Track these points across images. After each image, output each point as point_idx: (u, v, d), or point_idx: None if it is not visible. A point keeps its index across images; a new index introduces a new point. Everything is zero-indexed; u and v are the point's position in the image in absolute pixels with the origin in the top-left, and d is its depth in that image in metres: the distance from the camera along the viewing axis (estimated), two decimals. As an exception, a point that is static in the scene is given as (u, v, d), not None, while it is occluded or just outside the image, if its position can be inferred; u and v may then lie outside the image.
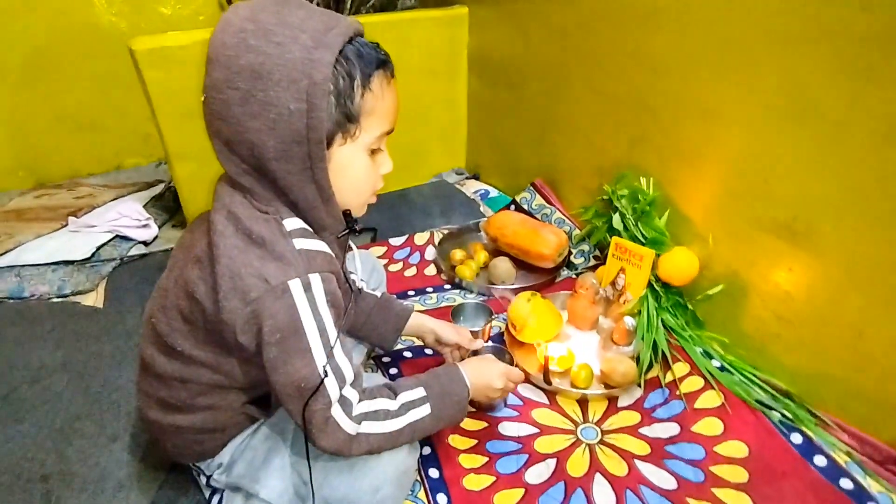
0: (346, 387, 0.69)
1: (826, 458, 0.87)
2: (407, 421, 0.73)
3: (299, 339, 0.63)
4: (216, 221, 0.64)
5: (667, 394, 1.03)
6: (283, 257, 0.63)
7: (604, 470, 0.90)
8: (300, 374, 0.64)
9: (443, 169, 1.99)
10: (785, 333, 0.98)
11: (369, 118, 0.65)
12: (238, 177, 0.65)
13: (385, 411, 0.72)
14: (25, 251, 1.51)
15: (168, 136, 1.50)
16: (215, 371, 0.72)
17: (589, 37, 1.30)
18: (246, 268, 0.62)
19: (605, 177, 1.32)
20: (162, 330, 0.71)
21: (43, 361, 1.19)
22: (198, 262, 0.66)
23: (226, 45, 0.59)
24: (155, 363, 0.74)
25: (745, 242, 1.02)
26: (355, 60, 0.62)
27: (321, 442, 0.68)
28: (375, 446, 0.72)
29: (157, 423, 0.78)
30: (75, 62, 1.96)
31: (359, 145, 0.67)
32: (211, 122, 0.63)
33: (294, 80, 0.58)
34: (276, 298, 0.62)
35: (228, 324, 0.63)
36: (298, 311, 0.63)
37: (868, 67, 0.78)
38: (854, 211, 0.84)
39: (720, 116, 1.02)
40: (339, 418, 0.67)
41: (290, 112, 0.59)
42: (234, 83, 0.59)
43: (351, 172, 0.68)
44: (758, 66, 0.93)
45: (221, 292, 0.62)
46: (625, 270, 1.17)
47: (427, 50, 1.75)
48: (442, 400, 0.76)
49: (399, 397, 0.74)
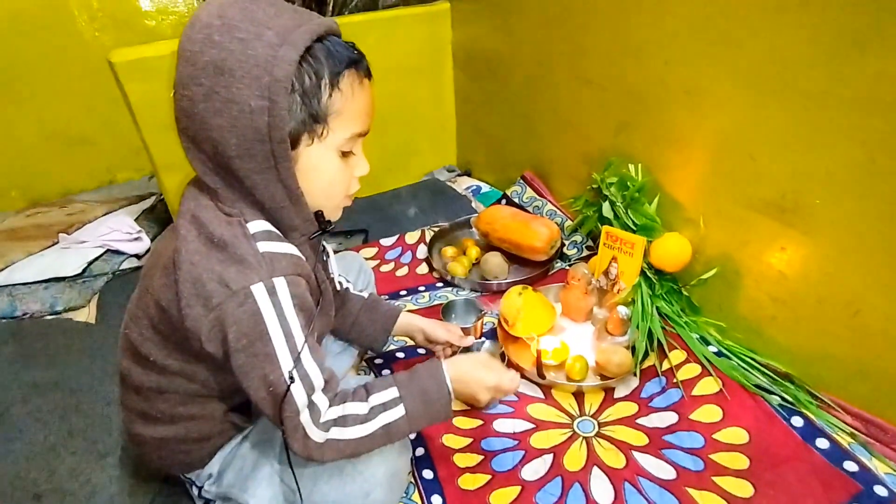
0: (316, 393, 0.66)
1: (828, 441, 0.85)
2: (378, 424, 0.70)
3: (265, 344, 0.62)
4: (180, 227, 0.63)
5: (664, 382, 1.01)
6: (244, 260, 0.61)
7: (601, 463, 0.88)
8: (268, 380, 0.63)
9: (434, 167, 1.97)
10: (781, 315, 0.96)
11: (338, 119, 0.64)
12: (204, 176, 0.64)
13: (354, 416, 0.69)
14: (16, 270, 1.51)
15: (154, 147, 1.49)
16: (190, 380, 0.71)
17: (570, 25, 1.28)
18: (207, 273, 0.60)
19: (593, 165, 1.30)
20: (135, 340, 0.70)
21: (35, 379, 1.18)
22: (164, 270, 0.65)
23: (192, 41, 0.58)
24: (131, 375, 0.73)
25: (736, 223, 1.00)
26: (324, 59, 0.61)
27: (294, 447, 0.66)
28: (348, 452, 0.69)
29: (142, 437, 0.77)
30: (62, 79, 1.96)
31: (327, 146, 0.65)
32: (178, 119, 0.62)
33: (256, 77, 0.57)
34: (239, 304, 0.60)
35: (193, 331, 0.61)
36: (263, 315, 0.61)
37: (850, 35, 0.76)
38: (843, 185, 0.82)
39: (703, 96, 1.00)
40: (306, 425, 0.65)
41: (251, 109, 0.58)
42: (198, 79, 0.58)
43: (320, 174, 0.66)
44: (737, 40, 0.91)
45: (184, 299, 0.60)
46: (617, 259, 1.15)
47: (411, 47, 1.74)
48: (419, 399, 0.72)
49: (370, 399, 0.71)
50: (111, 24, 1.98)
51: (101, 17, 1.95)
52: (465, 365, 0.78)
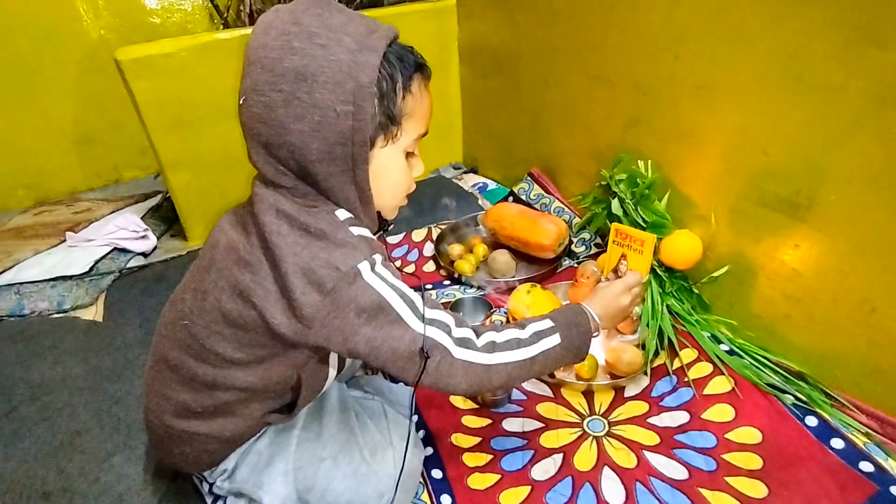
0: (454, 329, 0.69)
1: (843, 441, 0.83)
2: (539, 349, 0.72)
3: (387, 312, 0.64)
4: (267, 222, 0.64)
5: (675, 381, 1.00)
6: (346, 243, 0.64)
7: (612, 463, 0.87)
8: (404, 342, 0.64)
9: (440, 164, 1.96)
10: (794, 313, 0.95)
11: (409, 120, 0.67)
12: (276, 178, 0.65)
13: (517, 340, 0.72)
14: (24, 268, 1.51)
15: (160, 145, 1.49)
16: (250, 374, 0.71)
17: (578, 19, 1.27)
18: (314, 261, 0.62)
19: (602, 162, 1.29)
20: (198, 333, 0.69)
21: (43, 378, 1.18)
22: (248, 266, 0.65)
23: (268, 48, 0.59)
24: (183, 366, 0.71)
25: (748, 220, 0.99)
26: (396, 63, 0.63)
27: (461, 387, 0.68)
28: (514, 374, 0.71)
29: (170, 429, 0.75)
30: (68, 78, 1.96)
31: (398, 147, 0.68)
32: (249, 124, 0.63)
33: (339, 83, 0.59)
34: (351, 283, 0.62)
35: (310, 319, 0.62)
36: (375, 288, 0.63)
37: (864, 28, 0.74)
38: (859, 180, 0.81)
39: (714, 90, 0.98)
40: (465, 357, 0.68)
41: (336, 114, 0.60)
42: (277, 85, 0.59)
43: (389, 174, 0.69)
44: (749, 34, 0.89)
45: (297, 291, 0.61)
46: (626, 256, 1.14)
47: (417, 43, 1.68)
48: (570, 330, 0.75)
49: (528, 328, 0.74)
50: (117, 22, 1.97)
51: (106, 15, 1.95)
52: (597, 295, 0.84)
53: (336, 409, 0.84)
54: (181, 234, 1.71)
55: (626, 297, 0.84)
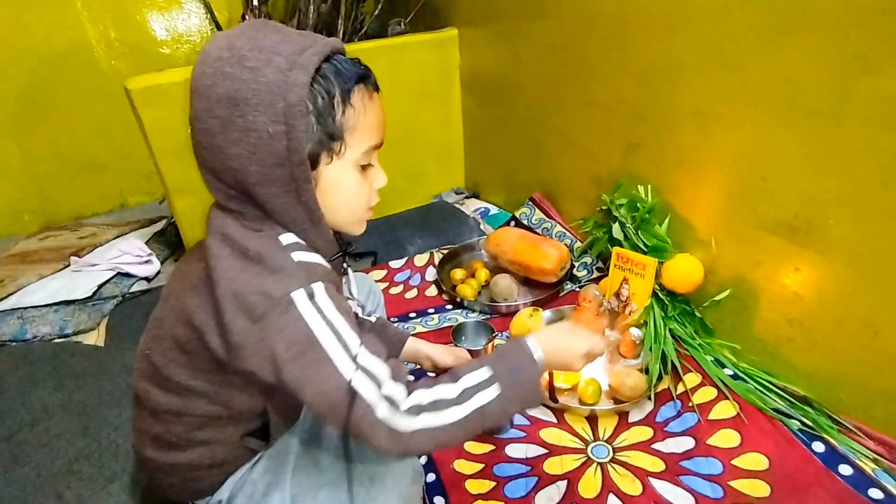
0: (385, 385, 0.62)
1: (852, 467, 0.82)
2: (472, 407, 0.63)
3: (316, 350, 0.60)
4: (211, 246, 0.63)
5: (679, 406, 0.99)
6: (282, 269, 0.61)
7: (617, 490, 0.86)
8: (328, 386, 0.60)
9: (442, 189, 1.98)
10: (797, 336, 0.94)
11: (353, 134, 0.65)
12: (227, 202, 0.65)
13: (445, 400, 0.63)
14: (27, 293, 1.52)
15: (166, 171, 1.52)
16: (212, 401, 0.70)
17: (577, 49, 1.30)
18: (246, 286, 0.60)
19: (602, 186, 1.30)
20: (157, 361, 0.70)
21: (43, 403, 1.18)
22: (194, 290, 0.65)
23: (204, 76, 0.60)
24: (149, 397, 0.72)
25: (748, 244, 0.99)
26: (333, 78, 0.62)
27: (381, 446, 0.61)
28: (441, 440, 0.63)
29: (153, 462, 0.75)
30: (78, 106, 2.00)
31: (346, 162, 0.66)
32: (197, 151, 0.63)
33: (270, 104, 0.58)
34: (283, 312, 0.59)
35: (238, 346, 0.60)
36: (306, 321, 0.60)
37: (858, 56, 0.76)
38: (856, 204, 0.81)
39: (712, 117, 1.00)
40: (388, 419, 0.60)
41: (269, 135, 0.59)
42: (213, 112, 0.59)
43: (342, 190, 0.67)
44: (746, 63, 0.92)
45: (227, 315, 0.60)
46: (628, 280, 1.14)
47: (420, 73, 1.76)
48: (513, 378, 0.66)
49: (460, 381, 0.65)
50: (128, 52, 2.03)
51: (118, 46, 2.01)
52: (554, 337, 0.73)
53: (333, 435, 0.83)
54: (185, 258, 1.72)
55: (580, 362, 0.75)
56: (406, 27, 1.93)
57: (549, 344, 0.70)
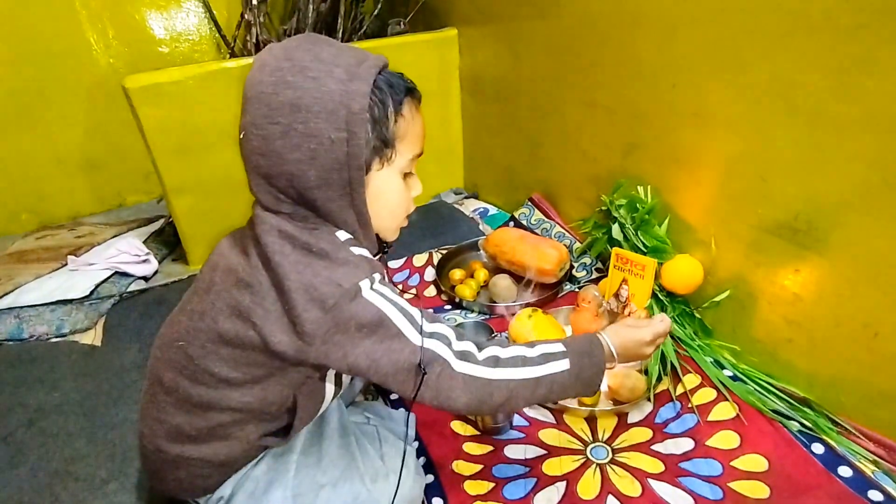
0: (455, 342, 0.69)
1: (851, 469, 0.82)
2: (545, 371, 0.69)
3: (387, 327, 0.65)
4: (270, 243, 0.65)
5: (678, 407, 0.99)
6: (348, 262, 0.66)
7: (616, 491, 0.85)
8: (404, 355, 0.65)
9: (441, 189, 1.98)
10: (797, 337, 0.94)
11: (403, 142, 0.69)
12: (276, 206, 0.67)
13: (523, 357, 0.70)
14: (24, 292, 1.50)
15: (164, 171, 1.51)
16: (246, 394, 0.71)
17: (576, 50, 1.30)
18: (317, 278, 0.63)
19: (602, 187, 1.30)
20: (193, 353, 0.70)
21: (40, 403, 1.17)
22: (248, 287, 0.66)
23: (264, 83, 0.63)
24: (178, 388, 0.71)
25: (748, 245, 0.99)
26: (386, 89, 0.66)
27: (461, 401, 0.67)
28: (516, 393, 0.69)
29: (164, 454, 0.74)
30: (75, 105, 1.99)
31: (394, 169, 0.70)
32: (249, 157, 0.66)
33: (332, 111, 0.62)
34: (352, 299, 0.64)
35: (310, 335, 0.63)
36: (375, 304, 0.65)
37: (857, 58, 0.76)
38: (856, 205, 0.82)
39: (712, 118, 1.00)
40: (466, 370, 0.67)
41: (330, 141, 0.63)
42: (273, 118, 0.62)
43: (387, 196, 0.72)
44: (745, 64, 0.92)
45: (300, 307, 0.62)
46: (627, 281, 1.14)
47: (419, 73, 1.73)
48: (581, 359, 0.72)
49: (537, 347, 0.72)
50: (126, 51, 2.02)
51: (116, 45, 2.00)
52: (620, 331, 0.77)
53: (336, 435, 0.83)
54: (182, 258, 1.71)
55: (650, 348, 0.78)
56: (405, 27, 1.93)
57: (616, 338, 0.76)
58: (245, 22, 1.93)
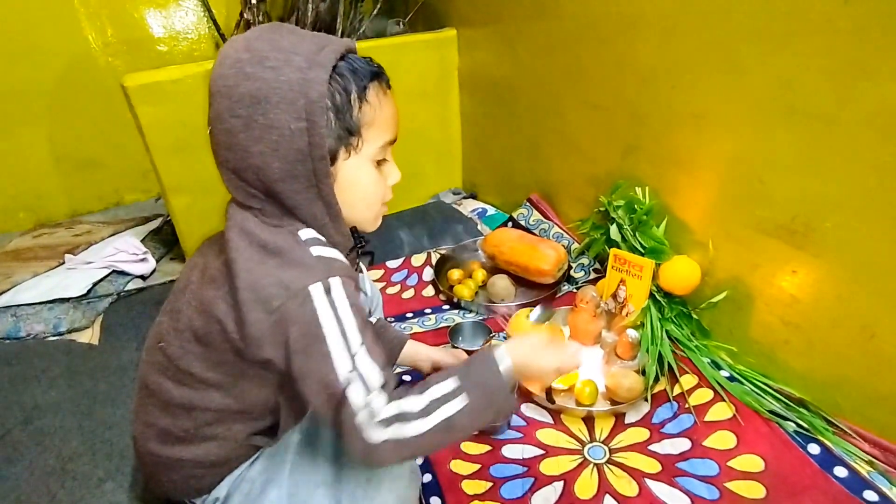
0: (374, 393, 0.62)
1: (847, 469, 0.82)
2: (439, 418, 0.64)
3: (321, 344, 0.61)
4: (230, 239, 0.65)
5: (675, 407, 0.99)
6: (301, 263, 0.63)
7: (613, 491, 0.86)
8: (326, 381, 0.62)
9: (440, 190, 1.98)
10: (794, 339, 0.95)
11: (370, 129, 0.67)
12: (247, 201, 0.66)
13: (411, 413, 0.64)
14: (21, 291, 1.50)
15: (162, 169, 1.51)
16: (226, 395, 0.70)
17: (576, 50, 1.30)
18: (265, 278, 0.62)
19: (600, 188, 1.30)
20: (172, 353, 0.70)
21: (37, 401, 1.17)
22: (213, 282, 0.66)
23: (224, 77, 0.62)
24: (161, 390, 0.72)
25: (745, 246, 0.99)
26: (349, 75, 0.64)
27: (353, 453, 0.63)
28: (407, 452, 0.65)
29: (156, 457, 0.75)
30: (74, 103, 1.98)
31: (363, 157, 0.68)
32: (217, 151, 0.65)
33: (291, 101, 0.60)
34: (299, 304, 0.61)
35: (254, 337, 0.62)
36: (318, 315, 0.61)
37: (855, 61, 0.77)
38: (853, 207, 0.82)
39: (710, 119, 1.01)
40: (363, 425, 0.61)
41: (291, 132, 0.61)
42: (235, 111, 0.61)
43: (359, 185, 0.70)
44: (743, 66, 0.92)
45: (244, 306, 0.61)
46: (625, 282, 1.14)
47: (418, 73, 1.76)
48: (480, 389, 0.66)
49: (426, 393, 0.65)
50: (124, 49, 2.01)
51: (114, 43, 1.99)
52: (524, 349, 0.72)
53: (331, 434, 0.83)
54: (180, 257, 1.71)
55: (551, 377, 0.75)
56: (405, 27, 1.93)
57: (519, 355, 0.70)
58: (244, 21, 1.93)
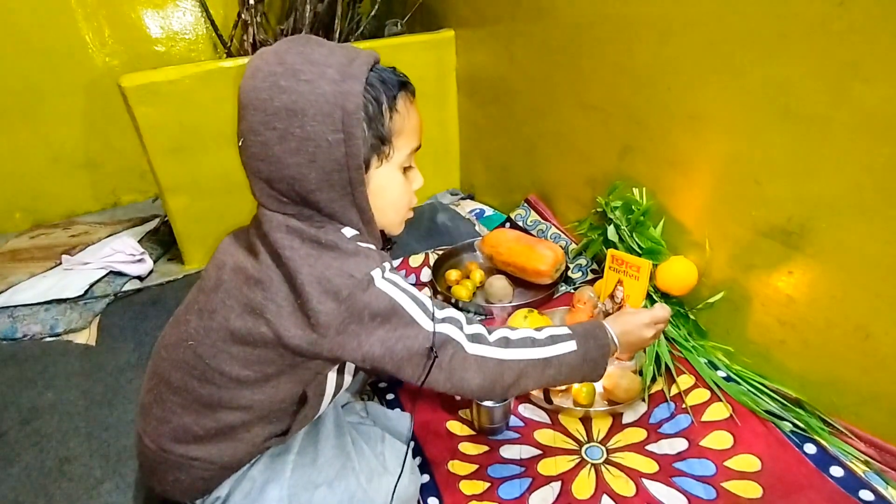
0: (465, 326, 0.71)
1: (843, 469, 0.83)
2: (554, 352, 0.72)
3: (400, 315, 0.66)
4: (279, 238, 0.66)
5: (673, 408, 0.99)
6: (357, 252, 0.67)
7: (611, 491, 0.86)
8: (417, 341, 0.66)
9: (437, 190, 1.98)
10: (790, 339, 0.95)
11: (399, 137, 0.70)
12: (280, 208, 0.68)
13: (531, 339, 0.73)
14: (18, 291, 1.50)
15: (160, 170, 1.51)
16: (256, 392, 0.71)
17: (572, 52, 1.30)
18: (328, 270, 0.64)
19: (597, 189, 1.31)
20: (204, 352, 0.70)
21: (33, 402, 1.17)
22: (258, 284, 0.67)
23: (258, 90, 0.63)
24: (186, 388, 0.71)
25: (742, 247, 1.00)
26: (379, 86, 0.66)
27: (474, 382, 0.69)
28: (527, 373, 0.71)
29: (166, 454, 0.74)
30: (70, 103, 1.98)
31: (393, 164, 0.71)
32: (249, 163, 0.67)
33: (328, 113, 0.62)
34: (365, 289, 0.65)
35: (325, 326, 0.64)
36: (387, 293, 0.66)
37: (850, 63, 0.77)
38: (849, 208, 0.82)
39: (706, 121, 1.01)
40: (478, 351, 0.69)
41: (328, 143, 0.63)
42: (270, 124, 0.63)
43: (389, 192, 0.73)
44: (739, 67, 0.92)
45: (314, 300, 0.63)
46: (623, 282, 1.15)
47: (416, 74, 1.72)
48: (587, 341, 0.75)
49: (544, 330, 0.75)
50: (122, 50, 2.01)
51: (111, 43, 1.99)
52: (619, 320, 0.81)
53: (332, 434, 0.83)
54: (178, 257, 1.70)
55: (650, 331, 0.80)
56: (403, 28, 1.93)
57: (617, 326, 0.79)
58: (242, 22, 1.93)
